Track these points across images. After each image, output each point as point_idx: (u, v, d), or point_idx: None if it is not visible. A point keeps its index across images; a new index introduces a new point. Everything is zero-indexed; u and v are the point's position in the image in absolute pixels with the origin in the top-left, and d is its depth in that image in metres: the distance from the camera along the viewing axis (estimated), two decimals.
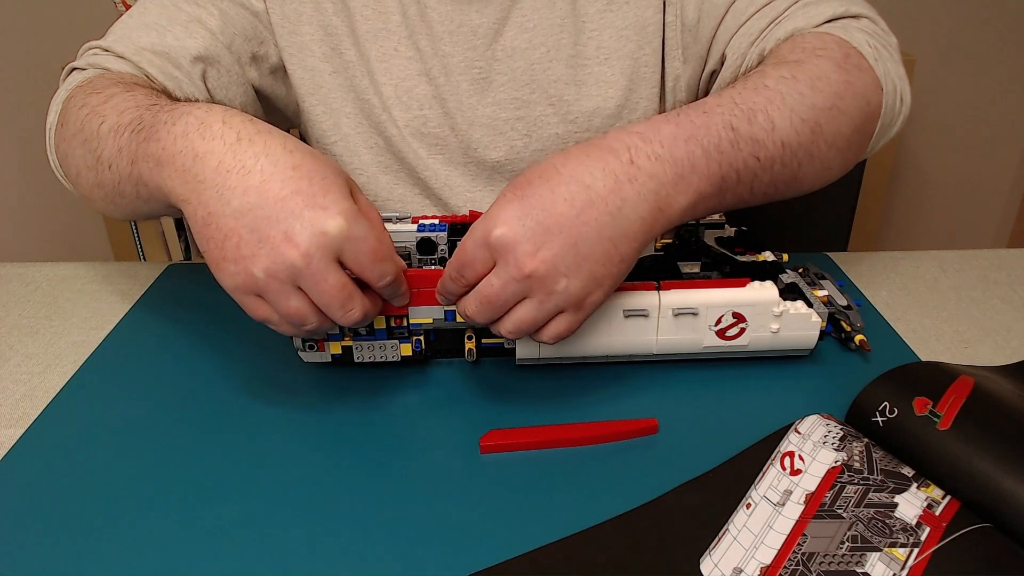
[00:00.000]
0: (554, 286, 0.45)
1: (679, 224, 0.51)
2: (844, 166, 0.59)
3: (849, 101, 0.55)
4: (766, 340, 0.55)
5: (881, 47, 0.59)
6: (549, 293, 0.45)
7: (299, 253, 0.42)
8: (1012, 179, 1.77)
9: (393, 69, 0.71)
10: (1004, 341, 0.62)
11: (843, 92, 0.54)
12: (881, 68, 0.57)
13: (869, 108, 0.57)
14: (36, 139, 1.67)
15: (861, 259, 0.75)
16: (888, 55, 0.59)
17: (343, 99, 0.73)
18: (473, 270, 0.46)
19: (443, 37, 0.70)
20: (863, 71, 0.56)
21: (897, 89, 0.59)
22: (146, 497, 0.47)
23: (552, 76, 0.70)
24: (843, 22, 0.61)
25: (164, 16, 0.65)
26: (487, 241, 0.45)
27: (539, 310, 0.46)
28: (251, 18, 0.69)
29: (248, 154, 0.44)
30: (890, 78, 0.58)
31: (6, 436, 0.53)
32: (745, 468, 0.47)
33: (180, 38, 0.64)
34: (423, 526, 0.45)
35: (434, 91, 0.71)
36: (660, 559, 0.42)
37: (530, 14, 0.69)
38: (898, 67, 0.60)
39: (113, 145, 0.51)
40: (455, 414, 0.54)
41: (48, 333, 0.65)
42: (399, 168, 0.75)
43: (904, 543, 0.41)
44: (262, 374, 0.58)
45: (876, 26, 0.61)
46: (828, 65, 0.55)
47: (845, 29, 0.59)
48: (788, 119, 0.52)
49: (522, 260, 0.44)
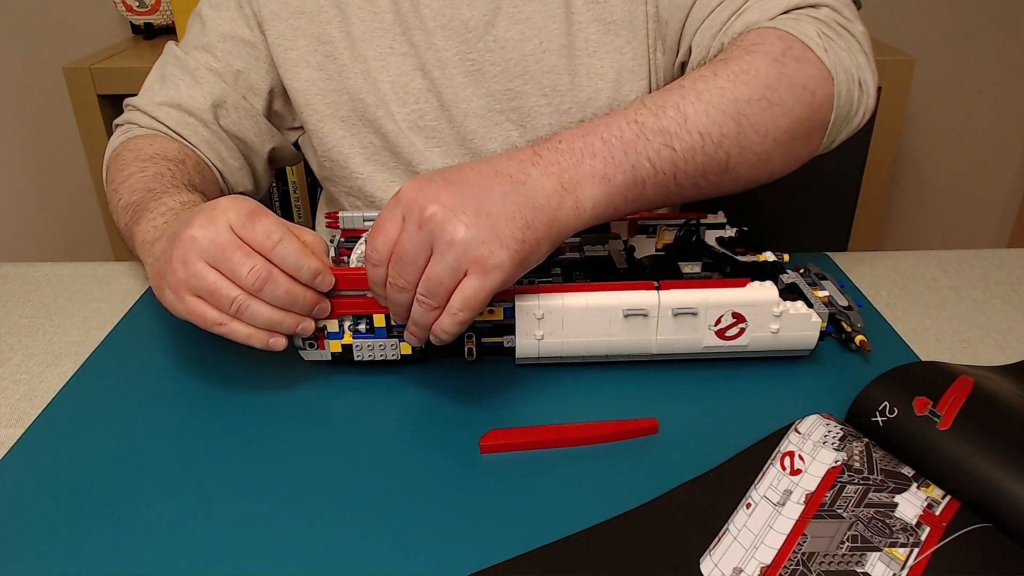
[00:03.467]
0: (454, 234, 0.46)
1: (610, 211, 0.52)
2: (790, 158, 0.59)
3: (784, 93, 0.55)
4: (766, 340, 0.55)
5: (835, 36, 0.59)
6: (450, 243, 0.46)
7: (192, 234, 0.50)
8: (1012, 179, 1.77)
9: (390, 66, 0.73)
10: (1004, 341, 0.62)
11: (775, 84, 0.55)
12: (831, 58, 0.57)
13: (814, 99, 0.57)
14: (36, 140, 1.67)
15: (861, 259, 0.75)
16: (842, 45, 0.59)
17: (336, 103, 0.75)
18: (384, 234, 0.48)
19: (436, 31, 0.72)
20: (806, 62, 0.57)
21: (853, 77, 0.59)
22: (146, 497, 0.47)
23: (545, 67, 0.71)
24: (796, 13, 0.60)
25: (177, 69, 0.74)
26: (396, 201, 0.48)
27: (441, 263, 0.46)
28: (249, 50, 0.75)
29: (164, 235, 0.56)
30: (843, 67, 0.58)
31: (6, 436, 0.53)
32: (745, 468, 0.47)
33: (191, 87, 0.73)
34: (423, 526, 0.45)
35: (430, 84, 0.73)
36: (660, 559, 0.42)
37: (522, 5, 0.70)
38: (856, 56, 0.60)
39: (123, 219, 0.65)
40: (455, 414, 0.54)
41: (48, 333, 0.65)
42: (395, 164, 0.76)
43: (904, 543, 0.41)
44: (262, 373, 0.58)
45: (837, 14, 0.61)
46: (759, 59, 0.56)
47: (796, 21, 0.59)
48: (704, 111, 0.53)
49: (423, 204, 0.46)
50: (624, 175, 0.52)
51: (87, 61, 1.30)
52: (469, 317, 0.48)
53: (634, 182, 0.52)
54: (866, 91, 0.61)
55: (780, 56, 0.56)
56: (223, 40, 0.74)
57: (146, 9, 1.41)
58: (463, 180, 0.48)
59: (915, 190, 1.77)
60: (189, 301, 0.51)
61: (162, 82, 0.74)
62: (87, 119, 1.30)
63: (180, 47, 0.76)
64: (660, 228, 0.64)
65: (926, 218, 1.81)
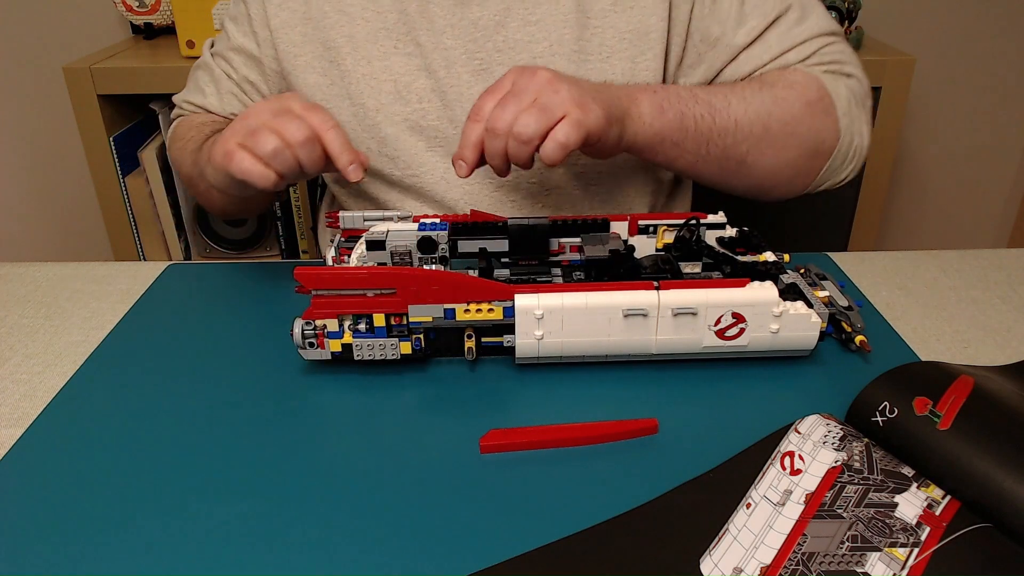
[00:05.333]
0: (560, 85, 0.57)
1: (657, 140, 0.65)
2: (788, 184, 0.72)
3: (803, 130, 0.68)
4: (766, 340, 0.55)
5: (857, 108, 0.71)
6: (556, 90, 0.57)
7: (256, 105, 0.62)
8: (1012, 179, 1.77)
9: (393, 66, 0.74)
10: (1004, 341, 0.62)
11: (800, 120, 0.68)
12: (845, 122, 0.70)
13: (823, 146, 0.69)
14: (37, 140, 1.67)
15: (861, 259, 0.75)
16: (859, 116, 0.72)
17: (338, 108, 0.76)
18: (492, 93, 0.59)
19: (445, 30, 0.73)
20: (828, 117, 0.69)
21: (854, 143, 0.71)
22: (146, 496, 0.47)
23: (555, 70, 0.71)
24: (835, 76, 0.71)
25: (206, 73, 0.83)
26: (504, 75, 0.60)
27: (552, 96, 0.57)
28: (256, 65, 0.80)
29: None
30: (851, 133, 0.70)
31: (6, 436, 0.53)
32: (745, 468, 0.47)
33: (214, 95, 0.82)
34: (423, 526, 0.45)
35: (434, 84, 0.74)
36: (660, 559, 0.42)
37: (533, 8, 0.72)
38: (863, 127, 0.72)
39: (190, 169, 0.76)
40: (455, 413, 0.54)
41: (48, 333, 0.65)
42: (392, 168, 0.77)
43: (904, 543, 0.41)
44: (262, 372, 0.58)
45: (861, 87, 0.73)
46: (797, 97, 0.68)
47: (835, 80, 0.71)
48: (744, 109, 0.66)
49: (534, 69, 0.59)
50: (674, 115, 0.64)
51: (87, 61, 1.30)
52: (569, 143, 0.56)
53: (680, 126, 0.65)
54: (859, 155, 0.73)
55: (813, 102, 0.68)
56: (237, 52, 0.80)
57: (146, 9, 1.41)
58: (556, 72, 0.59)
59: (915, 190, 1.77)
60: (231, 145, 0.58)
61: (195, 85, 0.84)
62: (87, 119, 1.30)
63: (213, 49, 0.84)
64: (660, 228, 0.64)
65: (926, 218, 1.81)
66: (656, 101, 0.64)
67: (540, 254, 0.62)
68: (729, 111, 0.66)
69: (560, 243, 0.63)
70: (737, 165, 0.67)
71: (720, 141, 0.66)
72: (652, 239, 0.64)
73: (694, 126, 0.65)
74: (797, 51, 0.71)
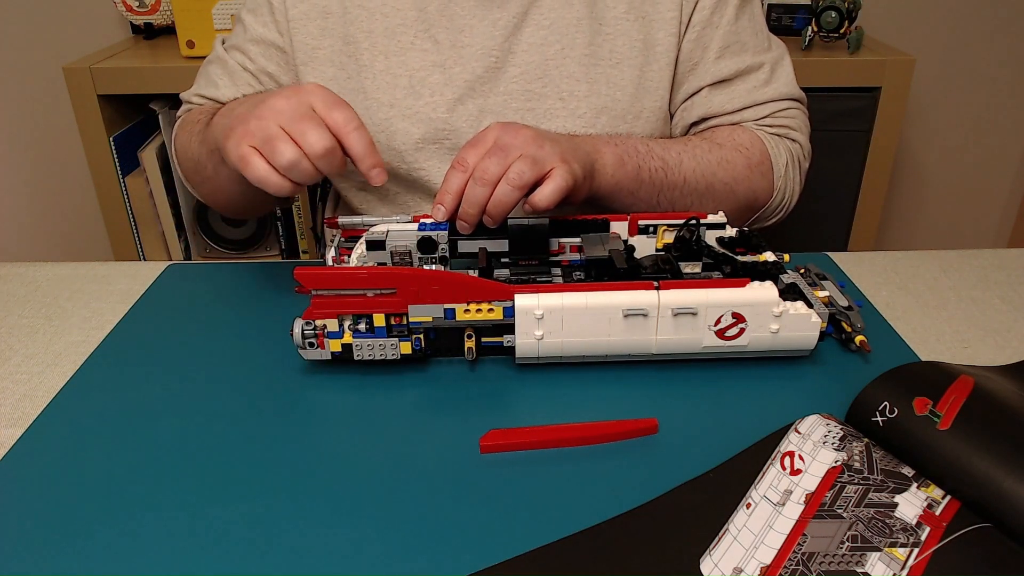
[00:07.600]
0: (544, 140, 0.61)
1: (616, 189, 0.69)
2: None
3: (742, 189, 0.76)
4: (766, 340, 0.55)
5: (793, 170, 0.79)
6: (541, 146, 0.60)
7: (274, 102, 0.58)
8: (1012, 179, 1.77)
9: (409, 61, 0.75)
10: (1004, 341, 0.62)
11: (741, 180, 0.75)
12: (781, 183, 0.78)
13: (756, 202, 0.78)
14: (37, 140, 1.67)
15: (861, 259, 0.75)
16: (796, 176, 0.80)
17: (350, 101, 0.75)
18: (474, 147, 0.60)
19: (464, 29, 0.75)
20: (765, 179, 0.77)
21: (784, 199, 0.80)
22: (145, 496, 0.47)
23: (565, 72, 0.75)
24: (780, 139, 0.78)
25: (219, 68, 0.82)
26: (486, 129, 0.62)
27: (538, 151, 0.59)
28: (279, 54, 0.79)
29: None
30: (783, 192, 0.79)
31: (6, 436, 0.53)
32: (745, 468, 0.47)
33: (228, 87, 0.80)
34: (423, 526, 0.45)
35: (447, 79, 0.75)
36: (660, 559, 0.42)
37: (547, 12, 0.74)
38: (797, 186, 0.81)
39: (197, 148, 0.74)
40: (455, 413, 0.54)
41: (48, 333, 0.65)
42: (399, 162, 0.77)
43: (904, 543, 0.41)
44: (262, 372, 0.58)
45: (802, 151, 0.81)
46: (741, 160, 0.75)
47: (779, 143, 0.78)
48: (693, 167, 0.73)
49: (517, 126, 0.61)
50: (632, 168, 0.69)
51: (87, 61, 1.30)
52: (554, 200, 0.59)
53: (636, 177, 0.70)
54: (787, 208, 0.81)
55: (754, 165, 0.76)
56: (256, 43, 0.80)
57: (146, 9, 1.41)
58: (537, 129, 0.62)
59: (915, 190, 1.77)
60: (246, 150, 0.56)
61: (206, 79, 0.83)
62: (87, 119, 1.30)
63: (224, 45, 0.83)
64: (660, 228, 0.64)
65: (926, 218, 1.81)
66: (617, 154, 0.69)
67: (540, 254, 0.62)
68: (680, 169, 0.72)
69: (560, 243, 0.63)
70: (680, 211, 0.73)
71: (669, 194, 0.72)
72: (652, 239, 0.64)
73: (649, 178, 0.71)
74: (755, 110, 0.78)
